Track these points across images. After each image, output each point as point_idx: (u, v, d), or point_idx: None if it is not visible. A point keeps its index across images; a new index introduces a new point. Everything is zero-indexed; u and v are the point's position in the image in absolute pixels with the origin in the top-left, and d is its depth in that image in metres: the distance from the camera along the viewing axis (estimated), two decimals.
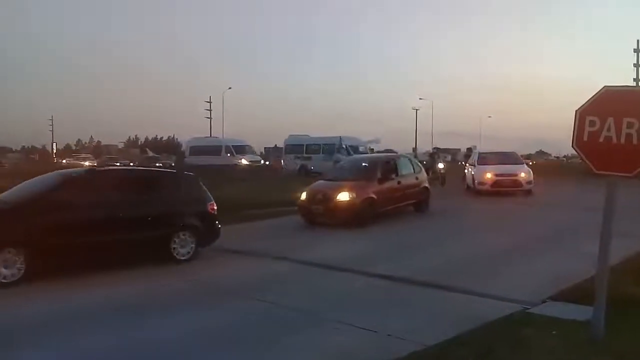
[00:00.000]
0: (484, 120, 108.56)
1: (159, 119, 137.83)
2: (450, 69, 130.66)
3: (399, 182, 14.49)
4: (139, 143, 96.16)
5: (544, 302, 6.37)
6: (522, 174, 20.05)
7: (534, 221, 14.26)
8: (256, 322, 6.03)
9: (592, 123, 4.95)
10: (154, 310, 6.53)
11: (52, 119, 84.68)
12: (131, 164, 47.30)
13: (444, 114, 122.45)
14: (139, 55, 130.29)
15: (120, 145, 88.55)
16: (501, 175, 19.92)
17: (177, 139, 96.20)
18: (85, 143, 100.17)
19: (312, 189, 13.74)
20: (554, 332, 5.21)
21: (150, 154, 66.28)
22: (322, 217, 13.03)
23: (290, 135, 39.26)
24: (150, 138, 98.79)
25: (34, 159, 65.41)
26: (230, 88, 68.73)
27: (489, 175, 20.04)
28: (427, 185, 16.01)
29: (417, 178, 15.54)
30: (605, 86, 4.95)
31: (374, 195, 13.29)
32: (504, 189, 19.66)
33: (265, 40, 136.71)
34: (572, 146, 5.13)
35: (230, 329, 5.82)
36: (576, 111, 5.04)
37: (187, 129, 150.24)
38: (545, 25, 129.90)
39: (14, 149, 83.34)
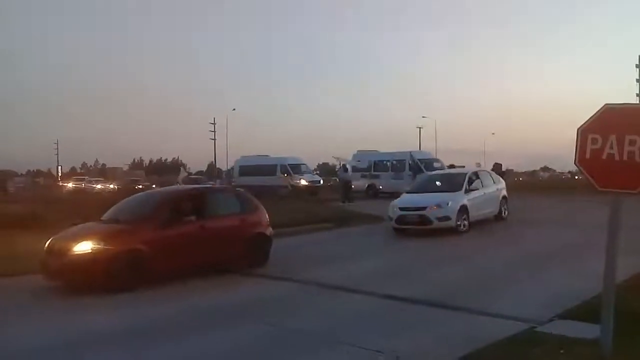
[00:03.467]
0: (489, 137, 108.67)
1: (163, 141, 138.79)
2: (454, 87, 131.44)
3: (202, 227, 9.85)
4: (144, 165, 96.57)
5: (551, 320, 6.34)
6: (433, 208, 14.46)
7: None
8: (263, 345, 6.02)
9: (594, 141, 4.98)
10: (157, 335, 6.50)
11: (57, 143, 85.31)
12: (153, 185, 45.60)
13: (448, 131, 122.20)
14: (143, 77, 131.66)
15: (125, 168, 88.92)
16: (406, 208, 14.94)
17: (181, 160, 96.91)
18: (91, 166, 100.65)
19: (57, 236, 9.44)
20: (561, 351, 5.18)
21: (185, 172, 63.00)
22: (57, 276, 8.96)
23: (358, 150, 36.38)
24: (154, 160, 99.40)
25: (39, 182, 65.59)
26: (234, 109, 69.40)
27: (395, 209, 15.17)
28: (265, 230, 11.07)
29: (242, 220, 10.75)
30: (606, 104, 4.98)
31: (142, 247, 8.98)
32: (409, 226, 14.79)
33: (270, 63, 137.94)
34: (575, 164, 5.16)
35: (237, 352, 5.82)
36: (578, 129, 5.07)
37: (192, 151, 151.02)
38: (550, 43, 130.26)
39: (19, 173, 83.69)
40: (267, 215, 11.34)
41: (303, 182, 34.46)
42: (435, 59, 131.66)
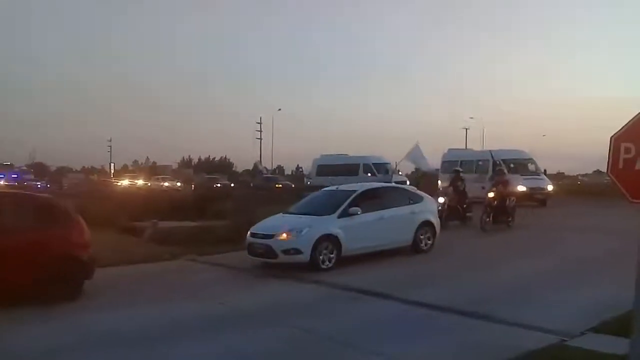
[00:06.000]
0: (539, 139, 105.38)
1: (211, 140, 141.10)
2: (503, 87, 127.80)
3: None
4: (192, 164, 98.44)
5: (582, 333, 6.15)
6: (282, 236, 10.67)
7: None
8: (283, 350, 6.08)
9: (627, 150, 4.80)
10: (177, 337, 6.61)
11: (110, 140, 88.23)
12: (232, 184, 43.33)
13: (495, 132, 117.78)
14: (192, 76, 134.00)
15: (175, 166, 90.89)
16: (256, 234, 11.21)
17: (229, 159, 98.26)
18: (141, 163, 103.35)
19: None
20: None
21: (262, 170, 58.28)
22: None
23: (450, 149, 33.04)
24: (203, 158, 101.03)
25: (93, 179, 67.98)
26: (280, 109, 69.79)
27: (248, 234, 11.45)
28: (77, 252, 8.50)
29: (40, 237, 8.14)
30: None
31: None
32: (260, 259, 11.12)
33: (318, 62, 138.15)
34: (607, 174, 4.98)
35: (252, 357, 5.91)
36: (611, 137, 4.90)
37: (239, 150, 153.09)
38: (602, 45, 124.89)
39: (74, 169, 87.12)
40: (86, 233, 8.77)
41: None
42: (485, 57, 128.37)
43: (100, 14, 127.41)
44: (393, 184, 13.64)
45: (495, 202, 16.77)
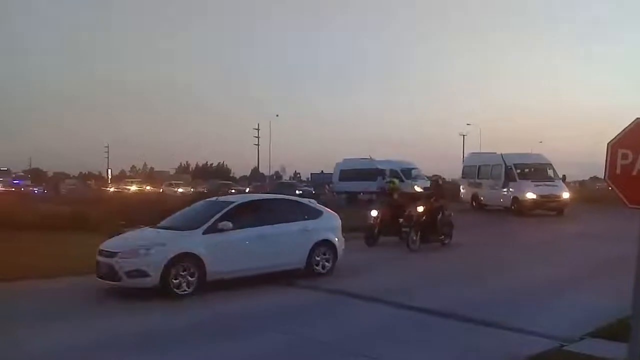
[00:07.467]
0: (536, 145, 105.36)
1: (209, 146, 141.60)
2: (501, 94, 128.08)
3: None
4: (190, 169, 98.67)
5: (581, 338, 6.19)
6: (124, 256, 8.81)
7: None
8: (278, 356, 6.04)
9: (624, 156, 4.88)
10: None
11: (107, 147, 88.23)
12: (247, 189, 42.14)
13: (492, 137, 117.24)
14: (191, 81, 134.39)
15: (172, 172, 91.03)
16: (103, 252, 9.29)
17: (226, 165, 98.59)
18: (139, 169, 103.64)
19: None
20: None
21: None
22: None
23: (471, 153, 31.39)
24: (200, 164, 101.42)
25: (91, 185, 67.93)
26: (277, 115, 69.51)
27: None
28: None
29: None
30: (637, 118, 4.87)
31: None
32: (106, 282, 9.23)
33: (314, 68, 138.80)
34: (605, 179, 5.05)
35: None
36: (608, 144, 4.97)
37: (236, 156, 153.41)
38: (598, 56, 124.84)
39: (71, 175, 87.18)
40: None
41: (417, 188, 29.07)
42: (486, 65, 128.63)
43: (96, 18, 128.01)
44: (283, 196, 12.08)
45: (424, 218, 14.12)
